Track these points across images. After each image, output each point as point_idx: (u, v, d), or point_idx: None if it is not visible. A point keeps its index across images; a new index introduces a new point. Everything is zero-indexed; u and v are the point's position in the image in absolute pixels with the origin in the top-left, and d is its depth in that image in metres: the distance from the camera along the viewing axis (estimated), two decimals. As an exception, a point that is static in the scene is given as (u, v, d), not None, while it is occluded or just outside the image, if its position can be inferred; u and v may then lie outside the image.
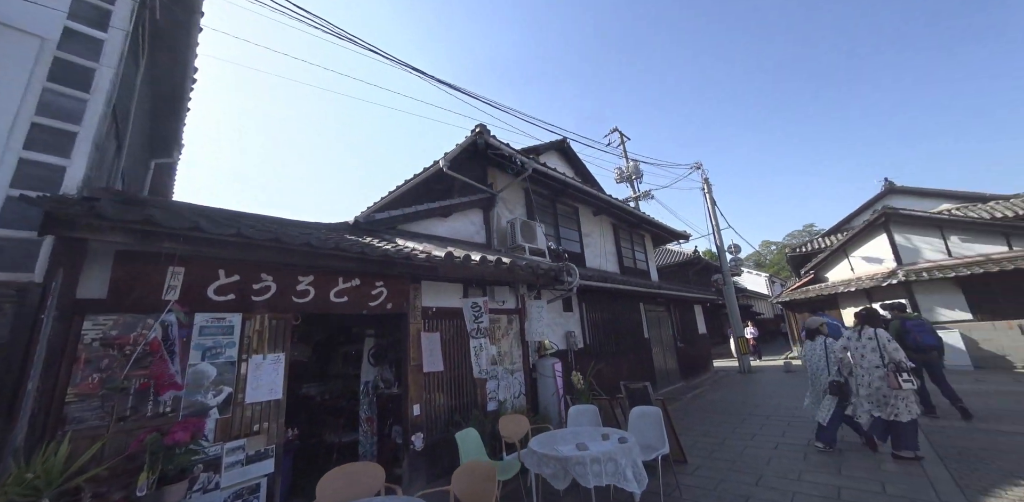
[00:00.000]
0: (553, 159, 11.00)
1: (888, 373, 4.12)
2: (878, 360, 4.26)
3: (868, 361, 4.33)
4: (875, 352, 4.29)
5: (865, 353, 4.37)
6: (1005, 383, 7.62)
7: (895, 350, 4.19)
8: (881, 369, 4.22)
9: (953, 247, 11.12)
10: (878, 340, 4.30)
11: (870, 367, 4.30)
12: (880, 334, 4.34)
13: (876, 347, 4.29)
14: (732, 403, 7.62)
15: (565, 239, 8.40)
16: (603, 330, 7.52)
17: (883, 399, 4.19)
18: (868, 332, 4.42)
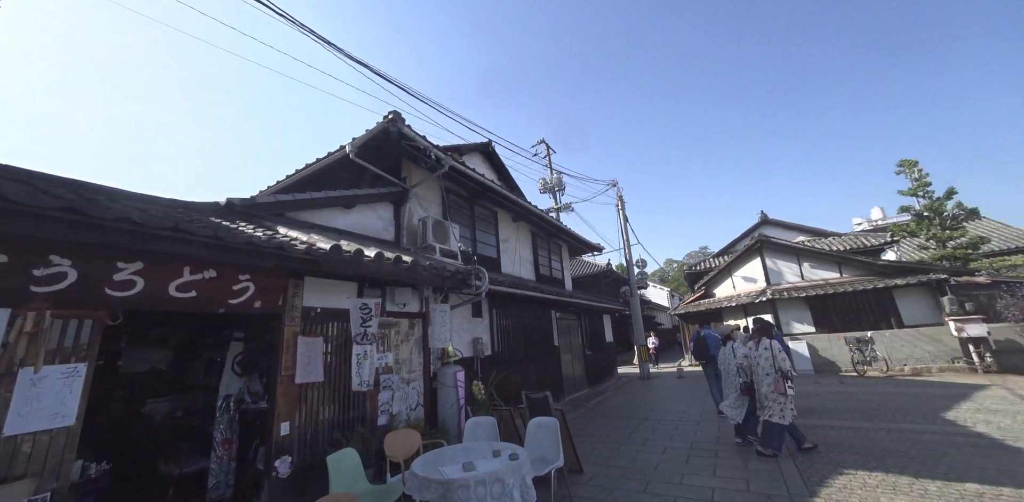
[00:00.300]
0: (476, 161, 10.82)
1: (776, 379, 4.52)
2: (770, 368, 4.64)
3: (762, 368, 4.71)
4: (768, 361, 4.67)
5: (760, 361, 4.75)
6: (833, 385, 9.07)
7: (783, 360, 4.60)
8: (771, 376, 4.59)
9: (805, 272, 13.22)
10: (772, 350, 4.69)
11: (763, 374, 4.69)
12: (773, 345, 4.73)
13: (770, 356, 4.68)
14: (631, 408, 7.95)
15: (481, 243, 8.18)
16: (513, 337, 7.37)
17: (764, 401, 4.61)
18: (764, 343, 4.82)
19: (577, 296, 9.74)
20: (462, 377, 4.96)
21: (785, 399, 4.47)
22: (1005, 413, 5.80)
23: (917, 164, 17.31)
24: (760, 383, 4.71)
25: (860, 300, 11.54)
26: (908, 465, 3.93)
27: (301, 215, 4.78)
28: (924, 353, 10.31)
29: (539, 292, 7.33)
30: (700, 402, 8.11)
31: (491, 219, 8.85)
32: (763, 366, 4.73)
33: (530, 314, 8.18)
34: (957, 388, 7.84)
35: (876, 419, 5.70)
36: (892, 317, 11.04)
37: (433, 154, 5.70)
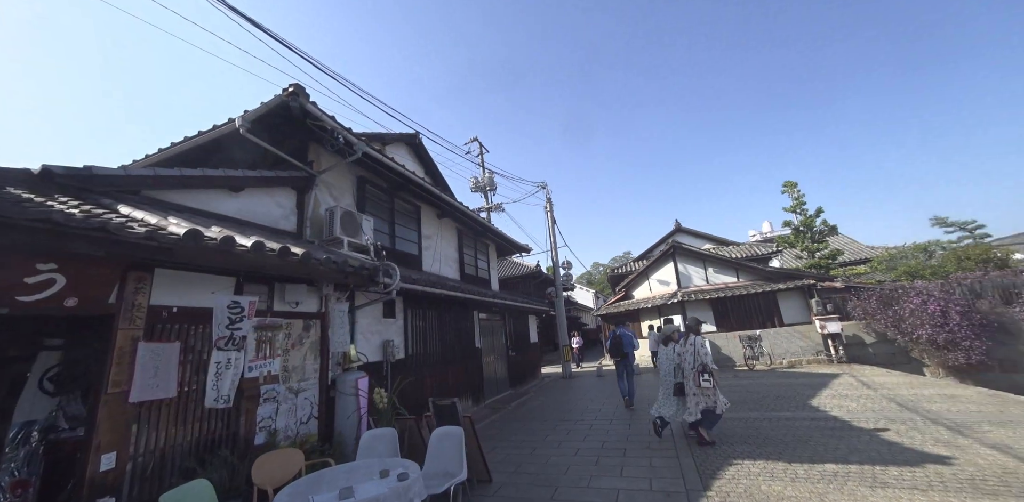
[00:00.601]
0: (401, 153, 10.21)
1: (695, 373, 4.79)
2: (694, 363, 4.88)
3: (688, 363, 4.94)
4: (694, 356, 4.92)
5: (687, 357, 4.98)
6: (728, 379, 10.01)
7: (705, 355, 4.85)
8: (694, 371, 4.85)
9: (710, 276, 14.58)
10: (695, 345, 4.94)
11: (689, 369, 4.92)
12: (697, 341, 4.97)
13: (693, 351, 4.93)
14: (550, 409, 7.97)
15: (401, 238, 7.65)
16: (431, 339, 6.97)
17: (695, 397, 4.82)
18: (691, 339, 5.05)
19: (501, 296, 9.61)
20: (365, 384, 4.46)
21: (704, 391, 4.72)
22: (853, 397, 6.78)
23: (797, 185, 20.13)
24: (688, 378, 4.94)
25: (752, 302, 13.00)
26: (783, 451, 4.32)
27: (167, 195, 3.94)
28: (798, 348, 11.89)
29: (459, 291, 7.03)
30: (614, 399, 8.39)
31: (413, 214, 8.34)
32: (688, 361, 4.95)
33: (451, 315, 7.83)
34: (819, 377, 9.08)
35: (760, 409, 6.31)
36: (776, 317, 12.59)
37: (341, 136, 5.12)
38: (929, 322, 10.62)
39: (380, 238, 7.02)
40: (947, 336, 10.44)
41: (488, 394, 9.01)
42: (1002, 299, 11.14)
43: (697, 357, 4.88)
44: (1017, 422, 4.90)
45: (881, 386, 7.70)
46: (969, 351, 10.25)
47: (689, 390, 4.91)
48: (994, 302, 11.19)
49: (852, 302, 11.84)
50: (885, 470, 3.67)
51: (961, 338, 10.38)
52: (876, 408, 5.98)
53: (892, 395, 6.81)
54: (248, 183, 4.66)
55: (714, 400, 4.76)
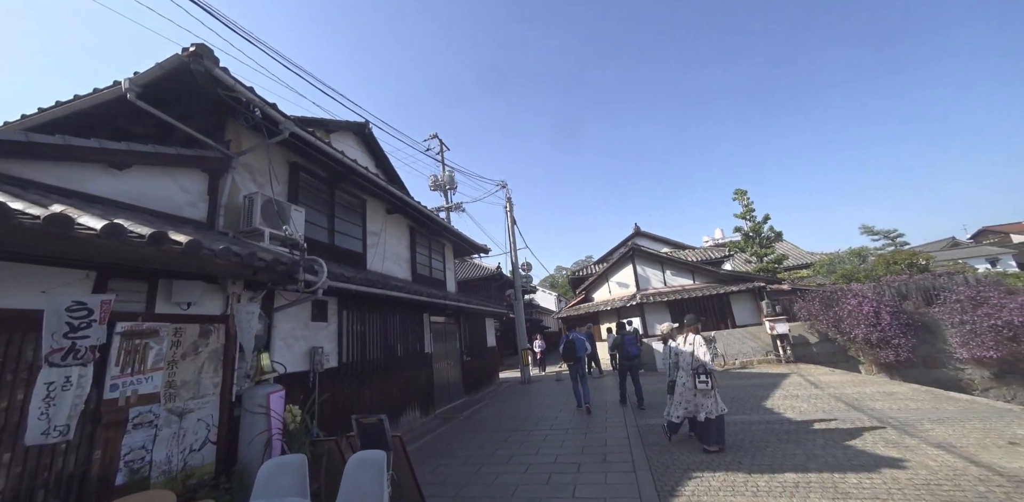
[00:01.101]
0: (349, 143, 9.44)
1: (693, 374, 4.51)
2: (692, 362, 4.59)
3: (687, 364, 4.65)
4: (691, 356, 4.62)
5: (685, 357, 4.70)
6: (689, 379, 10.07)
7: (704, 354, 4.55)
8: (691, 372, 4.56)
9: (668, 279, 14.77)
10: (694, 345, 4.64)
11: (687, 368, 4.64)
12: (696, 339, 4.67)
13: (692, 352, 4.63)
14: (505, 417, 7.48)
15: (343, 234, 6.92)
16: (373, 344, 6.28)
17: (692, 398, 4.54)
18: (690, 338, 4.74)
19: (455, 298, 9.04)
20: (280, 399, 3.77)
21: (702, 393, 4.44)
22: (803, 397, 6.84)
23: (746, 193, 21.08)
24: (686, 379, 4.62)
25: (707, 304, 13.25)
26: (743, 460, 4.09)
27: (14, 168, 3.09)
28: (749, 348, 12.20)
29: (406, 292, 6.39)
30: (572, 405, 8.06)
31: (358, 208, 7.62)
32: (689, 362, 4.65)
33: (398, 318, 7.17)
34: (771, 378, 9.25)
35: (717, 412, 6.17)
36: (729, 318, 12.89)
37: (259, 110, 4.39)
38: (864, 322, 11.22)
39: (316, 232, 6.28)
40: (879, 335, 11.07)
41: (440, 403, 8.38)
42: (924, 300, 12.00)
43: (695, 357, 4.61)
44: (953, 419, 5.01)
45: (827, 385, 7.88)
46: (898, 348, 10.90)
47: (685, 390, 4.64)
48: (918, 303, 12.03)
49: (798, 304, 12.33)
50: (844, 478, 3.50)
51: (891, 337, 11.03)
52: (826, 408, 6.00)
53: (838, 394, 6.94)
54: (136, 159, 3.84)
55: (711, 404, 4.46)
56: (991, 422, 4.81)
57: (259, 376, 3.81)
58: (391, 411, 6.39)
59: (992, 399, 8.63)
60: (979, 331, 10.67)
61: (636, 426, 5.75)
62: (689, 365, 4.65)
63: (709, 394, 4.47)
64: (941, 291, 11.85)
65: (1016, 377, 10.68)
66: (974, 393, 10.33)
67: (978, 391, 10.71)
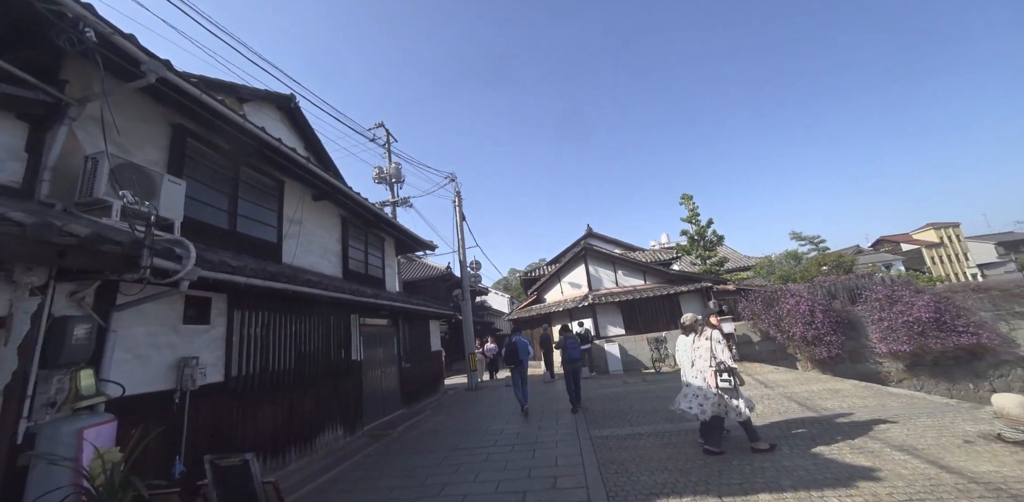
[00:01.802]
0: (272, 118, 8.15)
1: (712, 372, 4.14)
2: (710, 359, 4.23)
3: (703, 360, 4.32)
4: (708, 352, 4.28)
5: (702, 353, 4.36)
6: (638, 383, 9.72)
7: (722, 351, 4.19)
8: (710, 369, 4.21)
9: (620, 279, 14.63)
10: (711, 340, 4.30)
11: (704, 367, 4.30)
12: (713, 335, 4.33)
13: (709, 347, 4.28)
14: (445, 433, 6.60)
15: (249, 219, 5.72)
16: (280, 352, 5.16)
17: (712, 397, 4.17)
18: (706, 332, 4.40)
19: (391, 297, 8.00)
20: (107, 436, 2.66)
21: (726, 393, 4.07)
22: (756, 398, 6.58)
23: (692, 198, 21.84)
24: (704, 375, 4.29)
25: (658, 305, 13.19)
26: (710, 478, 3.57)
27: None
28: (697, 348, 12.24)
29: (322, 288, 5.31)
30: (521, 415, 7.35)
31: (272, 191, 6.42)
32: (704, 358, 4.32)
33: (316, 319, 6.06)
34: (721, 378, 9.16)
35: (676, 420, 5.73)
36: (678, 319, 12.89)
37: (90, 30, 3.18)
38: (801, 320, 11.64)
39: (211, 215, 5.08)
40: (814, 333, 11.52)
41: (371, 417, 7.31)
42: (849, 299, 12.75)
43: (714, 353, 4.22)
44: (903, 417, 4.90)
45: (775, 384, 7.83)
46: (830, 345, 11.40)
47: (700, 388, 4.29)
48: (844, 302, 12.75)
49: (742, 303, 12.61)
50: (823, 496, 3.06)
51: (824, 334, 11.52)
52: (781, 410, 5.78)
53: (788, 393, 6.83)
54: None
55: (735, 403, 4.08)
56: (938, 418, 4.74)
57: (73, 403, 2.67)
58: (303, 432, 5.29)
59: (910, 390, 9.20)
60: (895, 327, 11.43)
61: (590, 439, 5.14)
62: (706, 361, 4.29)
63: (734, 393, 4.12)
64: (863, 290, 12.64)
65: (923, 369, 11.56)
66: (891, 384, 11.02)
67: (894, 383, 11.46)
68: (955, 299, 11.79)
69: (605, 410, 6.86)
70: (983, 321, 11.47)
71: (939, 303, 11.46)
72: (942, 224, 60.74)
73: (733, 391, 4.12)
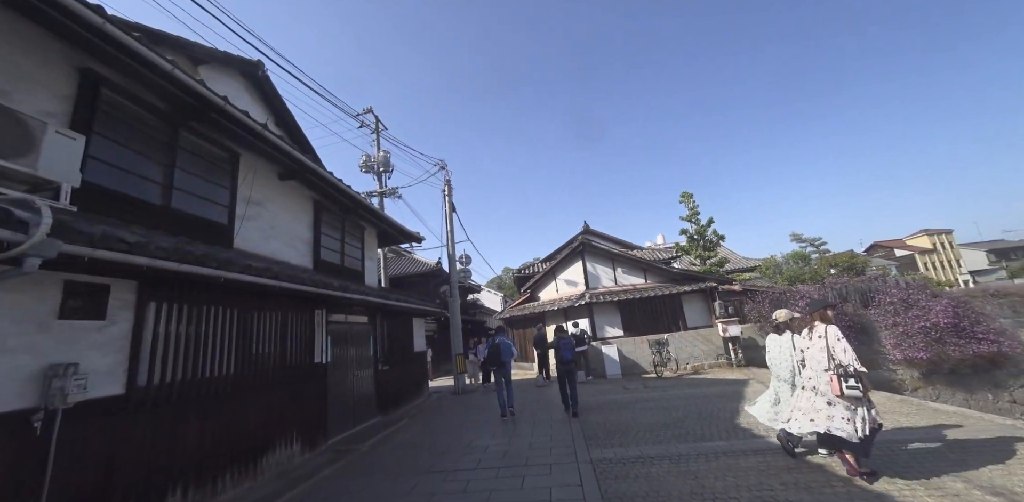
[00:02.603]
0: (233, 85, 7.20)
1: (832, 377, 3.38)
2: (826, 361, 3.52)
3: (816, 362, 3.62)
4: (823, 352, 3.57)
5: (814, 354, 3.66)
6: (639, 390, 8.88)
7: (844, 351, 3.47)
8: (828, 373, 3.47)
9: (619, 277, 13.82)
10: (827, 338, 3.58)
11: (818, 370, 3.59)
12: (830, 331, 3.61)
13: (824, 346, 3.56)
14: (420, 448, 5.72)
15: (191, 194, 4.80)
16: (217, 354, 4.24)
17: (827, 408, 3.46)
18: (819, 329, 3.68)
19: (364, 291, 7.05)
20: None
21: (850, 405, 3.35)
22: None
23: (692, 196, 21.12)
24: (816, 382, 3.58)
25: (659, 305, 12.39)
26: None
27: None
28: (701, 352, 11.48)
29: (268, 277, 4.36)
30: (510, 425, 6.50)
31: (223, 164, 5.49)
32: (817, 359, 3.61)
33: (266, 315, 5.14)
34: (730, 385, 8.38)
35: (688, 437, 4.91)
36: (680, 320, 12.12)
37: None
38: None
39: (135, 186, 4.15)
40: (826, 338, 10.81)
41: (337, 428, 6.41)
42: (862, 302, 12.06)
43: (834, 354, 3.48)
44: (969, 443, 4.08)
45: (794, 395, 7.04)
46: (843, 352, 10.69)
47: (817, 397, 3.56)
48: (856, 305, 12.06)
49: (748, 305, 11.86)
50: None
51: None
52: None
53: (813, 407, 6.03)
54: None
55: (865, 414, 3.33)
56: (1012, 445, 3.94)
57: None
58: (245, 451, 4.38)
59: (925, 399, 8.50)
60: (910, 333, 10.73)
61: (590, 462, 4.28)
62: (820, 364, 3.56)
63: (861, 402, 3.37)
64: (876, 293, 11.94)
65: (940, 377, 10.88)
66: (905, 393, 10.34)
67: (908, 391, 10.77)
68: (974, 304, 11.13)
69: (606, 422, 6.02)
70: (1003, 328, 10.81)
71: (957, 308, 10.78)
72: (935, 231, 60.99)
73: (861, 400, 3.35)
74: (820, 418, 3.48)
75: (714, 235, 20.26)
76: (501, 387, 7.28)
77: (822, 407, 3.49)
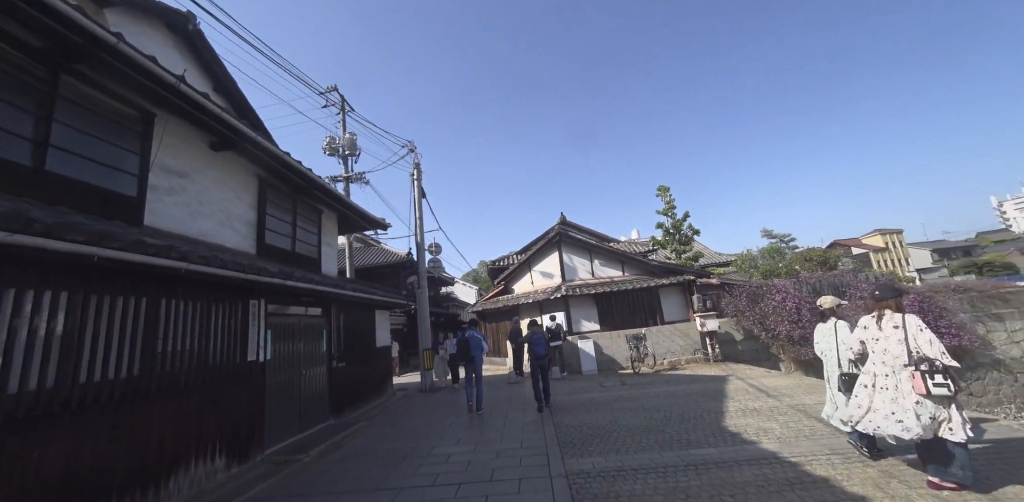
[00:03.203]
0: (157, 40, 6.13)
1: (914, 374, 2.92)
2: (904, 355, 3.03)
3: (891, 356, 3.10)
4: (901, 344, 3.06)
5: (889, 345, 3.13)
6: (616, 387, 8.43)
7: (928, 342, 2.96)
8: (909, 368, 2.98)
9: (596, 269, 13.40)
10: (906, 328, 3.07)
11: (894, 365, 3.09)
12: (909, 321, 3.11)
13: (903, 338, 3.06)
14: (376, 456, 5.04)
15: (73, 154, 3.85)
16: (102, 354, 3.37)
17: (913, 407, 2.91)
18: (894, 318, 3.15)
19: (312, 279, 6.16)
20: None
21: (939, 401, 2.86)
22: (764, 412, 5.47)
23: (669, 190, 21.01)
24: (896, 379, 3.06)
25: (636, 298, 12.05)
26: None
27: None
28: (678, 347, 11.21)
29: (159, 256, 3.48)
30: (477, 429, 5.90)
31: (133, 124, 4.54)
32: (893, 353, 3.09)
33: (182, 305, 4.27)
34: (710, 382, 8.06)
35: (673, 443, 4.43)
36: (658, 314, 11.81)
37: None
38: (788, 318, 10.81)
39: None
40: (800, 332, 10.70)
41: (279, 436, 5.62)
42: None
43: (915, 345, 2.99)
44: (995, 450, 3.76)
45: (777, 392, 6.76)
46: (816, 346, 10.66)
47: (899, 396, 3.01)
48: (829, 299, 12.14)
49: (726, 299, 11.68)
50: None
51: (810, 333, 10.76)
52: (803, 430, 4.59)
53: (798, 405, 5.73)
54: None
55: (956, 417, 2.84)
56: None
57: None
58: (145, 470, 3.56)
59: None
60: (880, 327, 10.84)
61: (565, 476, 3.72)
62: (897, 359, 3.06)
63: (949, 403, 2.90)
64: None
65: (904, 371, 11.10)
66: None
67: (873, 385, 10.93)
68: (937, 299, 11.34)
69: (582, 425, 5.50)
70: (963, 322, 11.07)
71: (923, 303, 10.95)
72: (888, 230, 64.59)
73: (951, 399, 2.88)
74: (910, 420, 2.92)
75: (689, 229, 20.23)
76: (471, 383, 6.98)
77: (909, 407, 2.95)
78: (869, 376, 3.26)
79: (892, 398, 3.06)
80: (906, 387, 3.00)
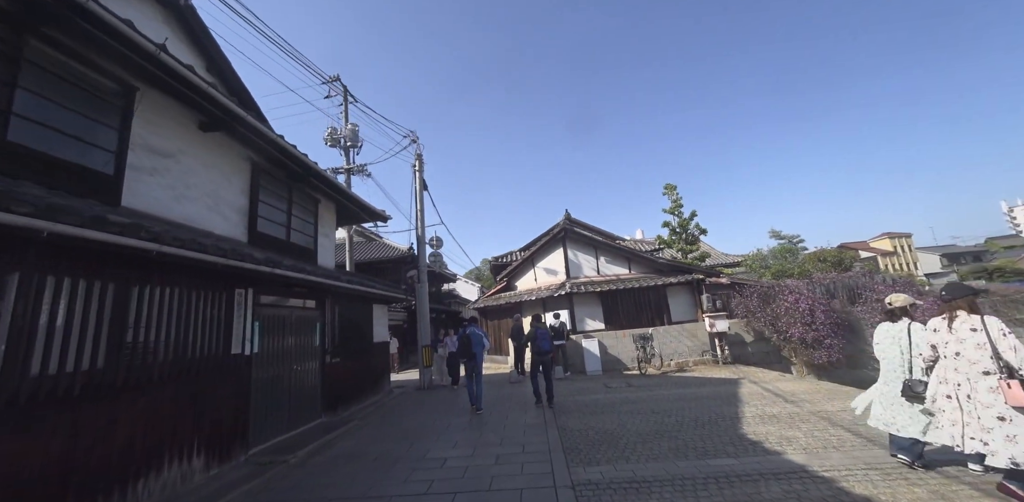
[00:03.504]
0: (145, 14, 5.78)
1: (1007, 384, 2.54)
2: (986, 361, 2.66)
3: (969, 361, 2.75)
4: (981, 349, 2.70)
5: (964, 350, 2.78)
6: (622, 389, 8.03)
7: (1012, 349, 2.60)
8: (992, 375, 2.64)
9: (601, 267, 13.02)
10: (988, 331, 2.71)
11: (972, 372, 2.73)
12: (990, 323, 2.75)
13: (984, 341, 2.69)
14: (366, 459, 4.71)
15: (41, 125, 3.53)
16: (65, 342, 3.05)
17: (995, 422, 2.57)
18: (970, 320, 2.81)
19: (303, 269, 5.81)
20: None
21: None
22: (784, 419, 5.09)
23: (676, 188, 20.58)
24: (969, 388, 2.73)
25: (643, 297, 11.66)
26: None
27: None
28: (685, 348, 10.83)
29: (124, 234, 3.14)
30: (475, 431, 5.56)
31: (111, 98, 4.21)
32: (971, 359, 2.74)
33: (152, 292, 3.93)
34: (721, 385, 7.69)
35: (688, 451, 4.07)
36: (665, 314, 11.43)
37: None
38: (800, 320, 10.40)
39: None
40: (814, 334, 10.29)
41: (266, 434, 5.30)
42: (849, 299, 11.67)
43: (999, 350, 2.63)
44: None
45: (794, 397, 6.38)
46: (830, 349, 10.19)
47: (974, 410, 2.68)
48: (843, 302, 11.68)
49: (736, 299, 11.27)
50: None
51: (824, 336, 10.32)
52: (830, 440, 4.21)
53: (820, 412, 5.34)
54: None
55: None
56: None
57: None
58: (110, 472, 3.24)
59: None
60: (897, 331, 10.40)
61: (572, 487, 3.37)
62: (975, 365, 2.71)
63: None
64: (864, 290, 11.57)
65: (922, 376, 10.66)
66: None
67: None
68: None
69: (588, 429, 5.15)
70: (987, 327, 10.62)
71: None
72: (897, 234, 63.66)
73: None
74: (997, 440, 2.55)
75: (696, 228, 19.80)
76: (471, 381, 6.80)
77: (993, 425, 2.59)
78: (950, 386, 2.87)
79: (968, 411, 2.70)
80: (986, 399, 2.62)
